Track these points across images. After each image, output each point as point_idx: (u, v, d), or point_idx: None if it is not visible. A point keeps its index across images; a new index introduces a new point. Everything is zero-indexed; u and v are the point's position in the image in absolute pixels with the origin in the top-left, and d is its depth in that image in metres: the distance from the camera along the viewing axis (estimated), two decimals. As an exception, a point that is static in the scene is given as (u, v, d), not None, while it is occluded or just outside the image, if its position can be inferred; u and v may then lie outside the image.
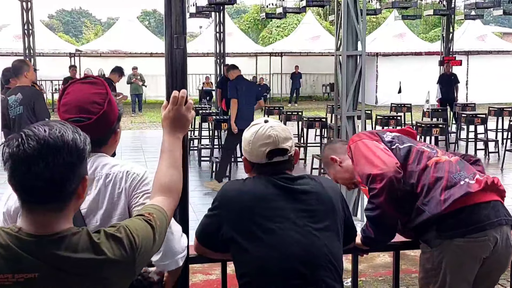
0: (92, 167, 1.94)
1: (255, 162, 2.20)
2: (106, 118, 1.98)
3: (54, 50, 23.75)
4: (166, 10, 2.08)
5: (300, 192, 2.14)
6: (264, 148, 2.16)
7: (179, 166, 1.94)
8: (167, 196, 1.82)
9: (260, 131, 2.17)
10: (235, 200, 2.13)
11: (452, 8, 16.99)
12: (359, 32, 6.97)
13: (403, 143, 2.64)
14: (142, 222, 1.63)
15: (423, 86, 18.19)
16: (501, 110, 13.06)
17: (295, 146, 2.26)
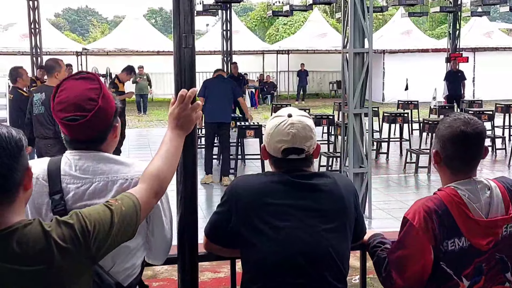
0: (106, 166, 1.92)
1: (272, 154, 2.18)
2: (102, 114, 1.91)
3: (60, 49, 23.81)
4: (175, 9, 2.09)
5: (313, 190, 2.11)
6: (280, 144, 2.12)
7: (171, 159, 1.93)
8: (147, 184, 1.81)
9: (280, 126, 2.12)
10: (245, 194, 2.11)
11: (458, 5, 16.95)
12: (365, 30, 6.96)
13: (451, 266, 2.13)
14: (100, 207, 1.63)
15: (430, 83, 18.17)
16: (508, 107, 13.01)
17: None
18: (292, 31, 32.63)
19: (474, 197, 2.09)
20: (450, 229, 2.08)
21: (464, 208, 2.07)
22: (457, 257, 2.10)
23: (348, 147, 7.19)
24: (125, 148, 11.70)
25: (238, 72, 14.93)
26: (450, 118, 2.17)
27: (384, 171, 10.44)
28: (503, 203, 2.12)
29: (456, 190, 2.10)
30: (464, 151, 2.13)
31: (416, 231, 2.08)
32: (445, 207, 2.08)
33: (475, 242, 2.09)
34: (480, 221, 2.07)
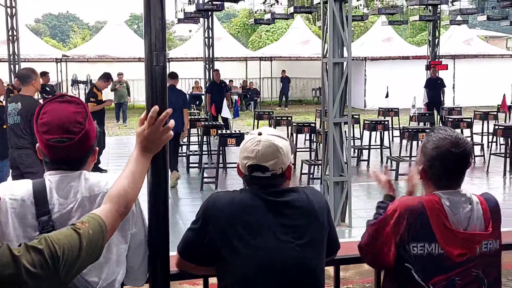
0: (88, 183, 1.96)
1: (241, 171, 2.21)
2: (87, 137, 1.97)
3: (40, 56, 23.61)
4: (146, 27, 2.08)
5: (285, 207, 2.13)
6: (246, 161, 2.15)
7: (137, 180, 1.92)
8: (113, 204, 1.82)
9: (247, 144, 2.16)
10: (220, 212, 2.11)
11: (437, 14, 17.15)
12: (344, 40, 7.01)
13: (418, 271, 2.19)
14: (67, 231, 1.64)
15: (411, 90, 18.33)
16: (486, 114, 13.19)
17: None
18: (275, 38, 32.74)
19: (455, 208, 2.15)
20: (422, 232, 2.14)
21: (443, 216, 2.12)
22: (425, 263, 2.14)
23: (328, 156, 7.21)
24: (105, 157, 11.62)
25: (220, 79, 14.93)
26: (437, 136, 2.21)
27: (364, 178, 10.49)
28: (483, 219, 2.17)
29: (439, 198, 2.16)
30: (452, 170, 2.21)
31: (387, 223, 2.19)
32: (424, 210, 2.14)
33: (448, 251, 2.13)
34: (457, 232, 2.12)
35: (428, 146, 2.22)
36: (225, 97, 14.17)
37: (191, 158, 11.31)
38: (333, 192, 7.13)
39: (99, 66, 23.66)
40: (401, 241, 2.17)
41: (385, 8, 16.58)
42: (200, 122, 11.79)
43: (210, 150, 12.15)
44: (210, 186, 9.48)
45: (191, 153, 11.43)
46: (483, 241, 2.16)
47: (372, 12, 18.49)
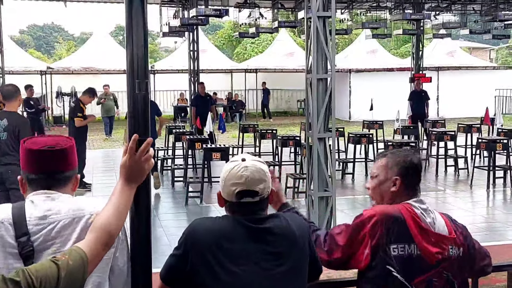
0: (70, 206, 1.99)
1: (226, 199, 2.20)
2: (70, 153, 2.07)
3: (24, 68, 23.48)
4: (129, 55, 2.10)
5: (267, 233, 2.13)
6: (234, 187, 2.15)
7: (121, 211, 1.94)
8: (96, 236, 1.84)
9: (234, 170, 2.16)
10: (202, 238, 2.12)
11: (421, 27, 17.35)
12: (328, 56, 7.06)
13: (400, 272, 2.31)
14: (46, 262, 1.66)
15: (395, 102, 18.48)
16: (470, 127, 13.33)
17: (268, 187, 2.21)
18: (260, 50, 32.88)
19: (425, 214, 2.37)
20: (401, 235, 2.30)
21: (418, 219, 2.32)
22: (407, 263, 2.29)
23: (313, 171, 7.23)
24: (89, 170, 11.56)
25: (205, 92, 14.94)
26: (401, 152, 2.51)
27: (349, 192, 10.54)
28: (445, 227, 2.39)
29: (411, 206, 2.37)
30: (419, 180, 2.49)
31: (364, 226, 2.31)
32: (400, 214, 2.32)
33: (426, 251, 2.29)
34: (430, 232, 2.32)
35: (398, 159, 2.46)
36: (210, 110, 14.19)
37: (176, 172, 11.26)
38: (317, 207, 7.14)
39: (84, 78, 23.61)
40: (380, 245, 2.28)
41: (369, 22, 16.76)
42: (185, 135, 11.77)
43: (195, 164, 12.14)
44: (195, 201, 9.47)
45: (176, 167, 11.38)
46: (450, 245, 2.35)
47: (356, 26, 18.69)
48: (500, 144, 10.43)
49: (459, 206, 9.07)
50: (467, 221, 8.11)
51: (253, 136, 13.84)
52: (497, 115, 12.23)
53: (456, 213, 8.28)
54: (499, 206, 9.61)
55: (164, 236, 7.28)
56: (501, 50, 47.05)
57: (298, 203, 9.51)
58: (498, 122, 11.96)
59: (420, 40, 17.66)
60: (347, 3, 17.74)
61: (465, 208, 8.99)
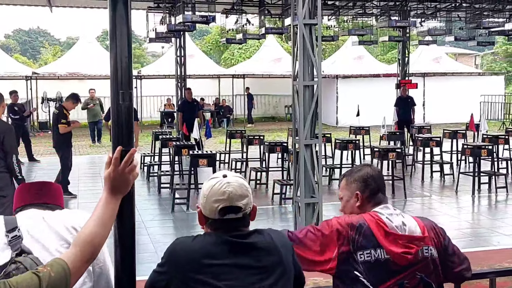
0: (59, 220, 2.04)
1: (209, 217, 2.17)
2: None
3: (10, 73, 23.30)
4: (113, 66, 2.08)
5: (250, 248, 2.12)
6: (217, 204, 2.12)
7: (106, 223, 1.93)
8: (79, 249, 1.83)
9: (216, 186, 2.13)
10: (184, 257, 2.10)
11: (407, 34, 17.49)
12: (315, 63, 7.08)
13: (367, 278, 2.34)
14: (27, 274, 1.67)
15: (382, 107, 18.59)
16: (455, 133, 13.43)
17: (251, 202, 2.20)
18: (247, 56, 32.94)
19: (392, 218, 2.42)
20: (367, 241, 2.35)
21: (383, 224, 2.37)
22: (373, 268, 2.32)
23: (300, 177, 7.24)
24: (74, 177, 11.49)
25: (192, 98, 14.92)
26: (357, 168, 2.68)
27: (336, 198, 10.47)
28: (417, 227, 2.43)
29: (376, 213, 2.44)
30: (380, 186, 2.58)
31: (330, 230, 2.39)
32: (364, 221, 2.38)
33: (393, 253, 2.33)
34: (397, 235, 2.36)
35: (354, 175, 2.59)
36: (197, 115, 14.17)
37: (163, 178, 11.22)
38: (304, 213, 7.15)
39: (70, 84, 23.49)
40: (347, 254, 2.34)
41: (355, 29, 16.87)
42: (172, 141, 11.73)
43: (182, 170, 12.10)
44: (182, 207, 9.43)
45: (163, 173, 11.34)
46: (424, 246, 2.38)
47: (342, 33, 18.79)
48: (485, 150, 10.52)
49: (444, 212, 9.13)
50: (452, 226, 8.17)
51: (241, 142, 13.84)
52: (482, 121, 12.33)
53: (442, 219, 8.33)
54: (484, 212, 9.68)
55: (150, 243, 7.24)
56: (486, 56, 47.55)
57: (284, 209, 9.52)
58: (483, 128, 12.07)
59: (406, 47, 17.81)
60: (333, 9, 17.85)
61: (450, 214, 9.05)
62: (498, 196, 10.43)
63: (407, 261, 2.33)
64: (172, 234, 7.98)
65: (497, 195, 10.47)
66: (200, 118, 14.95)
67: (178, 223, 8.58)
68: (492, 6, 16.96)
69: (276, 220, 8.88)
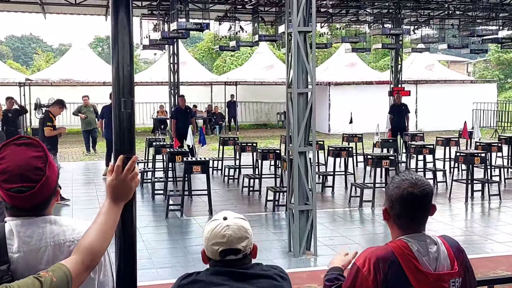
0: (53, 231, 1.91)
1: (211, 257, 2.25)
2: (48, 183, 1.91)
3: (2, 80, 23.23)
4: (115, 74, 2.10)
5: (253, 277, 2.18)
6: (217, 247, 2.19)
7: (107, 232, 1.92)
8: (81, 257, 1.82)
9: (215, 229, 2.20)
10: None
11: (400, 42, 17.60)
12: (309, 71, 7.12)
13: None
14: (29, 279, 1.66)
15: (374, 115, 18.68)
16: (448, 140, 13.50)
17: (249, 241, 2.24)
18: (240, 63, 33.01)
19: (423, 251, 2.18)
20: (399, 280, 2.14)
21: (414, 261, 2.15)
22: None
23: (293, 184, 7.26)
24: (67, 184, 11.46)
25: (185, 105, 14.93)
26: (399, 178, 2.27)
27: (329, 205, 10.57)
28: (448, 259, 2.22)
29: (406, 243, 2.19)
30: (411, 210, 2.23)
31: (365, 278, 2.15)
32: (395, 258, 2.15)
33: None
34: (428, 274, 2.15)
35: (390, 187, 2.28)
36: (190, 122, 14.18)
37: (156, 185, 11.21)
38: (298, 220, 7.17)
39: (63, 90, 23.41)
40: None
41: (348, 37, 16.96)
42: (166, 148, 11.73)
43: (176, 176, 12.10)
44: (176, 214, 9.42)
45: (156, 180, 11.33)
46: (451, 279, 2.20)
47: (336, 40, 18.89)
48: (478, 158, 10.58)
49: (437, 219, 9.16)
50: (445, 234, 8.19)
51: (233, 149, 13.85)
52: (475, 128, 12.40)
53: (435, 226, 8.37)
54: (477, 219, 9.73)
55: (144, 249, 7.23)
56: (478, 64, 47.88)
57: (278, 215, 9.53)
58: (476, 135, 12.14)
59: (399, 54, 17.92)
60: (326, 17, 17.94)
61: (443, 221, 9.09)
62: (491, 204, 10.48)
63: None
64: (167, 240, 7.98)
65: (490, 203, 10.52)
66: (193, 125, 14.96)
67: (173, 229, 8.57)
68: (485, 14, 17.10)
69: (270, 227, 8.89)
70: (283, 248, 7.57)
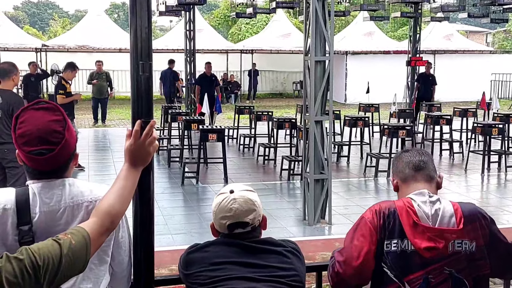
0: (71, 192, 1.96)
1: (219, 231, 2.26)
2: (67, 146, 1.95)
3: (19, 45, 23.27)
4: (133, 36, 2.08)
5: (262, 252, 2.18)
6: (224, 221, 2.20)
7: (126, 196, 1.94)
8: (99, 219, 1.83)
9: (222, 203, 2.20)
10: (198, 263, 2.17)
11: (419, 10, 17.27)
12: (327, 38, 7.02)
13: (392, 269, 2.25)
14: (48, 241, 1.66)
15: (392, 85, 18.47)
16: (466, 111, 13.36)
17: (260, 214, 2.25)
18: (255, 31, 32.69)
19: (424, 206, 2.25)
20: (394, 230, 2.23)
21: (412, 214, 2.22)
22: (399, 259, 2.21)
23: (309, 153, 7.25)
24: (84, 149, 11.55)
25: (211, 72, 14.87)
26: (400, 152, 2.56)
27: (344, 174, 10.56)
28: (454, 218, 2.23)
29: (410, 200, 2.29)
30: (414, 169, 2.40)
31: (365, 222, 2.29)
32: (394, 209, 2.26)
33: (416, 245, 2.19)
34: (425, 228, 2.20)
35: (394, 161, 2.54)
36: (215, 90, 14.20)
37: (172, 152, 11.26)
38: (313, 189, 7.17)
39: (79, 56, 23.42)
40: (379, 240, 2.24)
41: (367, 4, 16.68)
42: (181, 116, 11.74)
43: (191, 144, 12.14)
44: (191, 181, 9.48)
45: (172, 147, 11.38)
46: (456, 240, 2.19)
47: (354, 8, 18.58)
48: (495, 129, 10.47)
49: (453, 190, 9.12)
50: (461, 205, 8.16)
51: (249, 118, 13.82)
52: (494, 99, 12.24)
53: (451, 197, 8.29)
54: (493, 190, 9.67)
55: (160, 215, 7.29)
56: (498, 34, 46.95)
57: (293, 184, 9.55)
58: (494, 106, 11.99)
59: (417, 23, 17.58)
60: (345, -16, 17.63)
61: (459, 192, 9.05)
62: (508, 175, 10.39)
63: (432, 255, 2.18)
64: (182, 207, 8.06)
65: (507, 174, 10.44)
66: (218, 93, 14.92)
67: (188, 196, 8.63)
68: (507, -19, 16.71)
69: (284, 196, 8.91)
70: (297, 216, 7.60)
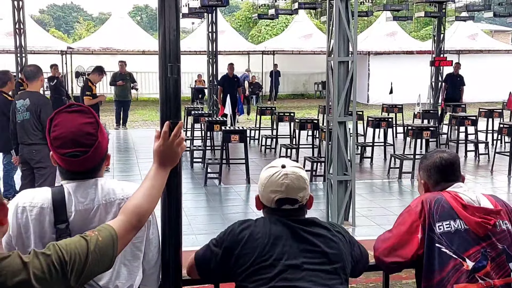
0: (104, 191, 2.01)
1: (265, 204, 2.22)
2: (100, 147, 2.01)
3: (45, 48, 23.62)
4: (161, 39, 2.10)
5: (309, 234, 2.14)
6: (274, 195, 2.16)
7: (154, 195, 1.97)
8: (127, 217, 1.86)
9: (274, 177, 2.17)
10: (244, 240, 2.12)
11: (443, 10, 17.10)
12: (350, 39, 7.00)
13: (449, 247, 2.38)
14: (76, 238, 1.69)
15: (415, 85, 18.30)
16: (491, 112, 13.18)
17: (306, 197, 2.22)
18: (275, 33, 32.70)
19: (466, 193, 2.49)
20: (445, 213, 2.41)
21: (459, 198, 2.43)
22: (454, 238, 2.36)
23: (332, 154, 7.22)
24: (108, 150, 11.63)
25: (233, 74, 14.91)
26: (428, 153, 2.71)
27: (368, 176, 10.50)
28: (490, 203, 2.48)
29: (451, 190, 2.51)
30: (445, 173, 2.58)
31: (412, 210, 2.45)
32: (441, 196, 2.46)
33: (472, 223, 2.37)
34: (473, 208, 2.41)
35: (423, 162, 2.66)
36: (238, 92, 14.22)
37: (195, 153, 11.32)
38: (336, 190, 7.14)
39: (103, 58, 23.68)
40: (428, 226, 2.39)
41: (390, 4, 16.57)
42: (204, 117, 11.80)
43: (214, 145, 12.19)
44: (214, 182, 9.52)
45: (195, 148, 11.44)
46: (500, 220, 2.41)
47: (377, 8, 18.46)
48: (522, 130, 10.31)
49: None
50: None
51: (270, 119, 13.82)
52: (520, 100, 12.05)
53: (476, 199, 8.22)
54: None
55: (184, 216, 7.30)
56: (524, 34, 46.20)
57: (315, 186, 9.52)
58: (521, 107, 11.81)
59: (441, 23, 17.39)
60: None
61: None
62: (535, 177, 10.23)
63: (486, 230, 2.36)
64: (205, 207, 8.10)
65: (534, 176, 10.27)
66: (240, 94, 14.95)
67: (211, 196, 8.68)
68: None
69: (308, 197, 8.90)
70: (321, 217, 7.51)
